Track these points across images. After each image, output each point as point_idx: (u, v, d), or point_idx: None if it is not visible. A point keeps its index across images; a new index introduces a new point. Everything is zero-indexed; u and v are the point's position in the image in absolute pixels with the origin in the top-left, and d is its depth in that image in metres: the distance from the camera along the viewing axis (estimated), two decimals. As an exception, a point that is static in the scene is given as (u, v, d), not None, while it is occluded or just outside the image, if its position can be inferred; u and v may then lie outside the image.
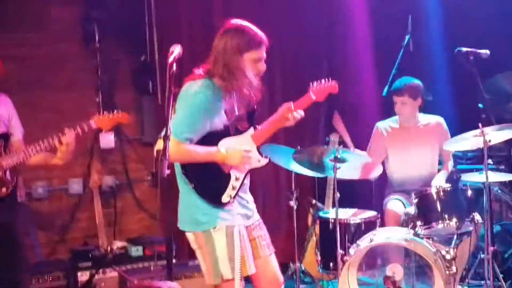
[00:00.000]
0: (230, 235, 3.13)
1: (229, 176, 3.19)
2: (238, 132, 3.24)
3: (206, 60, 3.22)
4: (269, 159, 3.36)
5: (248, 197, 3.34)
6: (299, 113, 3.31)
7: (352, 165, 4.20)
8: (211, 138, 3.15)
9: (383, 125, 4.80)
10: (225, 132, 3.19)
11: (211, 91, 3.11)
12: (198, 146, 3.10)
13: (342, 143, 4.69)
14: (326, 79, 3.45)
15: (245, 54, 3.11)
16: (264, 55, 3.19)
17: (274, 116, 3.33)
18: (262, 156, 3.29)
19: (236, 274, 3.10)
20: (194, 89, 3.05)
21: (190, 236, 3.22)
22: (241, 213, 3.23)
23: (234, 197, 3.19)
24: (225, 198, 3.16)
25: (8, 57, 4.67)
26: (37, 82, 5.02)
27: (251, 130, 3.28)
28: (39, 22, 5.03)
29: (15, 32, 4.90)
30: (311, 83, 3.43)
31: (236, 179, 3.20)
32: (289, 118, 3.29)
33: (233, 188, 3.19)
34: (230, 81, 3.11)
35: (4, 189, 3.52)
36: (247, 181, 3.33)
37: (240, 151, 3.15)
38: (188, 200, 3.20)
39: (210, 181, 3.17)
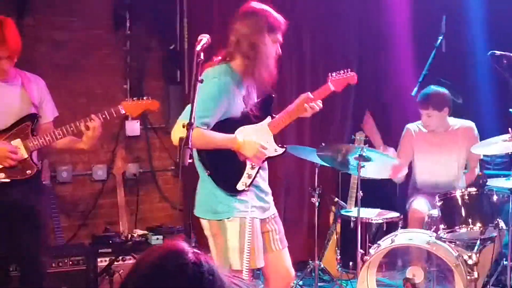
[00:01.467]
0: (243, 227, 3.17)
1: (244, 164, 3.23)
2: (255, 120, 3.27)
3: (227, 43, 3.26)
4: (286, 149, 3.39)
5: (267, 189, 3.37)
6: (318, 104, 3.35)
7: (377, 165, 4.20)
8: (228, 125, 3.18)
9: (412, 127, 4.80)
10: (242, 120, 3.22)
11: (228, 75, 3.16)
12: (215, 132, 3.14)
13: (367, 142, 4.69)
14: (345, 70, 3.48)
15: (268, 36, 3.16)
16: (280, 39, 3.23)
17: (292, 106, 3.37)
18: (278, 145, 3.34)
19: (244, 266, 3.15)
20: (211, 75, 3.09)
21: (204, 223, 3.26)
22: (256, 205, 3.25)
23: (249, 185, 3.22)
24: (240, 186, 3.20)
25: (43, 40, 4.79)
26: (69, 66, 5.07)
27: (268, 118, 3.31)
28: (73, 7, 5.09)
29: (49, 15, 4.97)
30: (329, 74, 3.46)
31: (252, 167, 3.23)
32: (306, 109, 3.34)
33: (249, 176, 3.22)
34: (255, 60, 3.15)
35: (29, 171, 3.55)
36: (265, 171, 3.36)
37: (257, 144, 3.17)
38: (206, 188, 3.24)
39: (226, 169, 3.21)
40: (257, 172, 3.26)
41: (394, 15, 5.80)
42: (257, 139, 3.23)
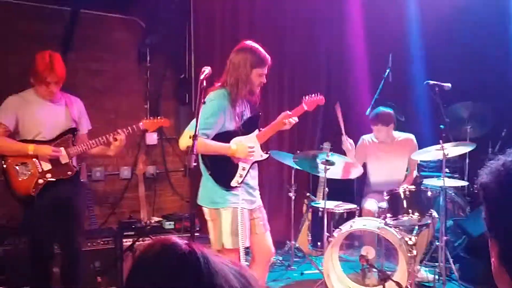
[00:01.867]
0: (234, 215, 3.18)
1: (237, 166, 3.25)
2: (246, 132, 3.30)
3: (223, 72, 3.27)
4: (270, 155, 3.44)
5: (255, 186, 3.38)
6: (294, 119, 3.42)
7: (339, 168, 4.21)
8: (225, 136, 3.20)
9: (366, 138, 4.80)
10: (236, 132, 3.23)
11: (224, 98, 3.17)
12: (214, 141, 3.16)
13: (332, 150, 4.68)
14: (316, 93, 3.54)
15: (254, 69, 3.16)
16: (266, 71, 3.23)
17: (275, 121, 3.42)
18: (264, 152, 3.38)
19: (240, 244, 3.15)
20: (211, 97, 3.11)
21: (205, 210, 3.27)
22: (246, 199, 3.27)
23: (241, 183, 3.24)
24: (233, 183, 3.21)
25: (82, 70, 4.77)
26: (103, 89, 5.05)
27: (256, 131, 3.34)
28: (106, 45, 5.07)
29: (88, 50, 4.95)
30: (303, 96, 3.53)
31: (243, 169, 3.26)
32: (286, 123, 3.38)
33: (240, 176, 3.25)
34: (239, 89, 3.16)
35: (69, 172, 3.54)
36: (254, 172, 3.36)
37: (246, 149, 3.20)
38: (207, 184, 3.25)
39: (223, 170, 3.23)
40: (247, 173, 3.27)
41: (354, 52, 5.83)
42: (246, 143, 3.25)
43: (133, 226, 4.41)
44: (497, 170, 0.99)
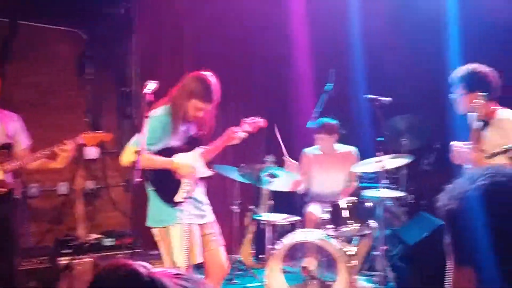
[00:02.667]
0: (183, 231, 3.14)
1: (180, 182, 3.22)
2: (189, 149, 3.29)
3: (171, 91, 3.26)
4: (213, 172, 3.43)
5: (204, 200, 3.37)
6: (242, 134, 3.52)
7: (282, 180, 4.25)
8: (168, 152, 3.20)
9: (308, 151, 4.87)
10: (179, 149, 3.23)
11: (167, 115, 3.16)
12: (158, 156, 3.14)
13: (276, 163, 4.72)
14: (259, 117, 3.63)
15: (193, 99, 3.15)
16: (208, 108, 3.21)
17: (222, 138, 3.42)
18: (207, 168, 3.38)
19: (184, 263, 3.10)
20: (153, 114, 3.11)
21: (154, 231, 3.24)
22: (194, 213, 3.24)
23: (186, 198, 3.20)
24: (177, 198, 3.18)
25: (21, 82, 4.60)
26: (41, 104, 4.89)
27: (199, 149, 3.34)
28: (44, 56, 4.93)
29: (25, 62, 4.80)
30: (244, 119, 3.58)
31: (186, 184, 3.23)
32: (235, 137, 3.47)
33: (184, 191, 3.21)
34: (175, 110, 3.17)
35: (3, 188, 3.41)
36: (201, 187, 3.35)
37: (189, 165, 3.20)
38: (153, 202, 3.22)
39: (166, 185, 3.20)
40: (191, 187, 3.25)
41: (298, 66, 5.92)
42: (189, 162, 3.23)
43: (70, 244, 4.27)
44: (464, 197, 0.95)
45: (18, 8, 4.52)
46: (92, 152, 5.09)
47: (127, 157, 3.08)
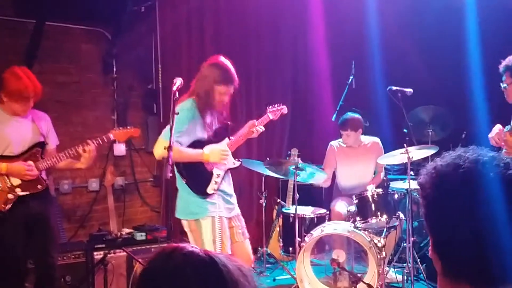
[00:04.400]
0: (214, 223, 3.19)
1: (211, 173, 3.27)
2: (217, 140, 3.33)
3: (192, 82, 3.30)
4: (241, 163, 3.48)
5: (232, 193, 3.41)
6: (261, 128, 3.51)
7: (309, 173, 4.26)
8: (197, 145, 3.24)
9: (335, 143, 4.87)
10: (207, 141, 3.27)
11: (192, 108, 3.20)
12: (187, 148, 3.18)
13: (300, 156, 4.75)
14: (279, 103, 3.62)
15: (217, 86, 3.19)
16: (231, 91, 3.25)
17: (242, 130, 3.46)
18: (235, 159, 3.43)
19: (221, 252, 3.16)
20: (180, 107, 3.13)
21: (184, 222, 3.27)
22: (224, 207, 3.29)
23: (217, 189, 3.26)
24: (209, 190, 3.24)
25: (48, 82, 4.67)
26: (69, 102, 4.96)
27: (227, 139, 3.38)
28: (70, 55, 4.99)
29: (54, 62, 4.86)
30: (268, 106, 3.60)
31: (217, 176, 3.29)
32: (254, 131, 3.46)
33: (215, 183, 3.28)
34: (205, 100, 3.19)
35: (40, 186, 3.48)
36: (229, 180, 3.40)
37: (220, 150, 3.25)
38: (183, 194, 3.26)
39: (198, 177, 3.25)
40: (222, 179, 3.30)
41: (318, 59, 5.92)
42: (219, 148, 3.28)
43: (104, 239, 4.35)
44: (430, 173, 1.12)
45: (44, 9, 4.58)
46: (120, 149, 5.18)
47: (160, 151, 3.13)
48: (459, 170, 1.06)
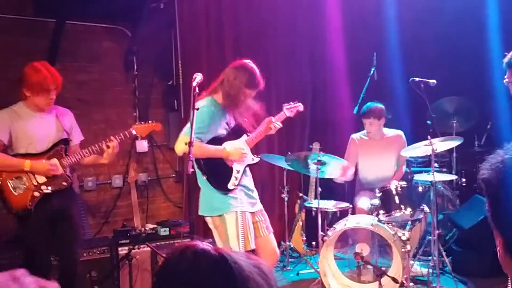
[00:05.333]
0: (237, 218, 3.21)
1: (231, 169, 3.30)
2: (235, 138, 3.36)
3: (215, 80, 3.31)
4: (260, 159, 3.51)
5: (253, 187, 3.43)
6: (278, 124, 3.53)
7: (330, 167, 4.23)
8: (216, 142, 3.27)
9: (356, 136, 4.83)
10: (226, 137, 3.29)
11: (213, 106, 3.23)
12: (209, 144, 3.21)
13: (322, 150, 4.72)
14: (295, 101, 3.61)
15: (247, 89, 3.22)
16: (254, 94, 3.33)
17: (261, 127, 3.48)
18: (254, 155, 3.48)
19: (240, 249, 3.16)
20: (201, 105, 3.16)
21: (208, 219, 3.30)
22: (247, 201, 3.31)
23: (237, 185, 3.28)
24: (230, 186, 3.27)
25: (69, 81, 4.73)
26: (91, 100, 5.01)
27: (245, 136, 3.42)
28: (91, 54, 5.03)
29: (74, 61, 4.91)
30: (283, 104, 3.61)
31: (237, 171, 3.33)
32: (272, 128, 3.47)
33: (236, 178, 3.32)
34: (231, 102, 3.24)
35: (64, 183, 3.53)
36: (249, 175, 3.41)
37: (240, 149, 3.27)
38: (206, 191, 3.28)
39: (218, 173, 3.29)
40: (242, 174, 3.32)
41: (338, 51, 5.86)
42: (239, 146, 3.30)
43: (128, 234, 4.39)
44: (497, 167, 1.02)
45: (64, 8, 4.62)
46: (143, 146, 5.21)
47: (181, 147, 3.15)
48: None
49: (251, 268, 0.94)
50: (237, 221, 3.22)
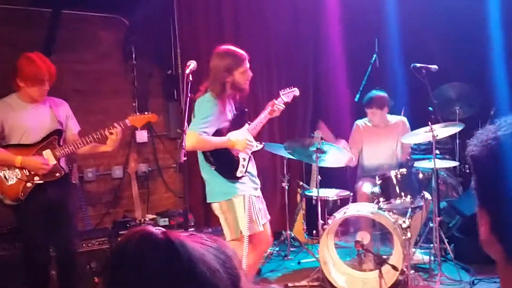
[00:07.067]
0: (245, 201, 3.29)
1: (238, 158, 3.38)
2: (237, 127, 3.40)
3: (207, 78, 3.34)
4: (262, 145, 3.52)
5: (256, 173, 3.51)
6: (281, 106, 3.61)
7: (331, 156, 4.21)
8: (221, 133, 3.33)
9: (360, 122, 4.79)
10: (229, 128, 3.34)
11: (211, 100, 3.27)
12: (214, 137, 3.28)
13: (323, 138, 4.68)
14: (291, 86, 3.69)
15: (236, 71, 3.24)
16: (248, 65, 3.34)
17: (262, 114, 3.57)
18: (257, 142, 3.54)
19: (246, 232, 3.26)
20: (203, 101, 3.27)
21: (215, 205, 3.37)
22: (252, 186, 3.36)
23: (245, 172, 3.39)
24: (238, 174, 3.37)
25: (67, 71, 4.71)
26: (88, 90, 4.97)
27: (246, 125, 3.45)
28: (89, 43, 4.99)
29: (72, 51, 4.87)
30: (280, 90, 3.64)
31: (243, 159, 3.42)
32: (275, 110, 3.57)
33: (243, 166, 3.40)
34: (220, 92, 3.27)
35: (57, 174, 3.52)
36: (252, 162, 3.46)
37: (245, 140, 3.33)
38: (213, 179, 3.37)
39: (226, 163, 3.37)
40: (248, 162, 3.38)
41: (338, 40, 5.80)
42: (244, 137, 3.34)
43: (128, 225, 4.39)
44: (489, 144, 0.97)
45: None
46: (142, 136, 5.19)
47: (188, 142, 3.15)
48: None
49: (206, 252, 0.93)
50: (244, 204, 3.28)
